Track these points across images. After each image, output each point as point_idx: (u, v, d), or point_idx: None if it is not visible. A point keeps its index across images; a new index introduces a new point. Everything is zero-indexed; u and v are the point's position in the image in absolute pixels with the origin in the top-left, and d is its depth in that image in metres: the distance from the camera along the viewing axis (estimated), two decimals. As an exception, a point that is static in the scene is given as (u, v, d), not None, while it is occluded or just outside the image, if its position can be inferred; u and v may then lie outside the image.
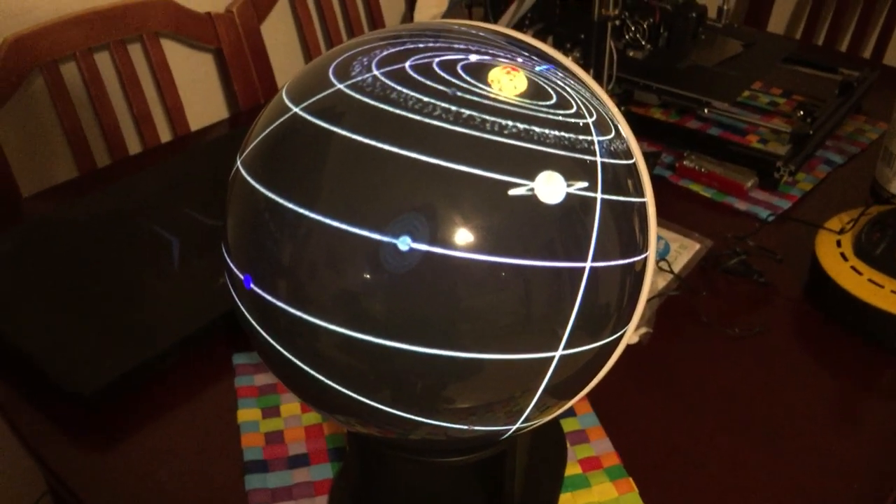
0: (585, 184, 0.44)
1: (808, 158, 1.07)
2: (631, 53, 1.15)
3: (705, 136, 1.12)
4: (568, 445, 0.70)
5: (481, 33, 0.49)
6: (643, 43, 1.14)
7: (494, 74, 0.45)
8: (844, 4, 1.69)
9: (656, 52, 1.16)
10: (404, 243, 0.40)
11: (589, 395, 0.74)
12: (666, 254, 0.91)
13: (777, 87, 1.24)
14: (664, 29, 1.15)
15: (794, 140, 1.06)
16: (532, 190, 0.42)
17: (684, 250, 0.91)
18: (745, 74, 1.13)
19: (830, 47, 1.72)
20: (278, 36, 1.40)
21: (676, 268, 0.88)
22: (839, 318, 0.82)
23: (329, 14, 1.41)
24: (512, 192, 0.41)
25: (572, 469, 0.68)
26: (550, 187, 0.42)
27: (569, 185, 0.43)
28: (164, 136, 1.27)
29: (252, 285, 0.45)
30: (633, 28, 1.12)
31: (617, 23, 1.07)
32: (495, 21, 1.13)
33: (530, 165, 0.42)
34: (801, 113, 1.09)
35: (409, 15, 1.57)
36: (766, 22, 1.83)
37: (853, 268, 0.81)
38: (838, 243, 0.84)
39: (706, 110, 1.13)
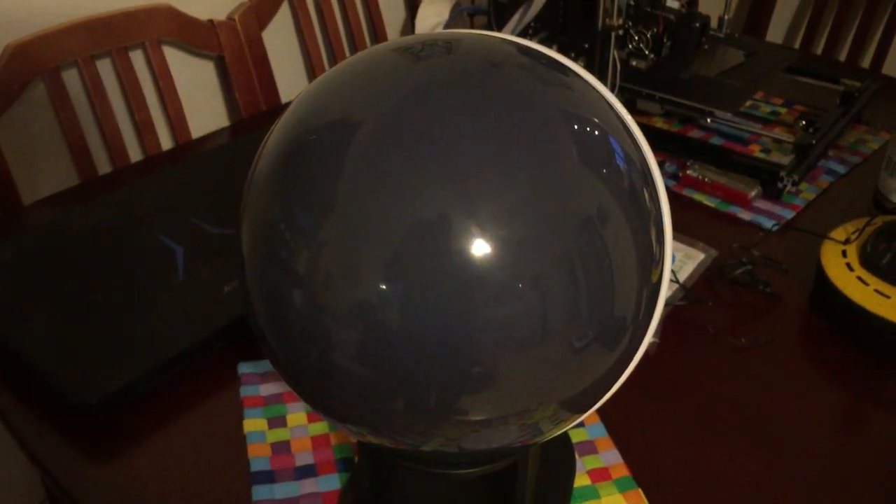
0: None
1: (811, 168, 1.07)
2: (634, 63, 1.15)
3: (708, 145, 1.12)
4: (576, 456, 0.69)
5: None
6: (646, 52, 1.14)
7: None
8: (844, 14, 1.70)
9: (659, 61, 1.16)
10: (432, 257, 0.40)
11: (596, 405, 0.74)
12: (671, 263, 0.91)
13: (778, 97, 1.24)
14: (667, 38, 1.15)
15: (797, 150, 1.06)
16: None
17: (689, 260, 0.91)
18: (747, 84, 1.13)
19: (829, 56, 1.72)
20: (280, 43, 1.40)
21: (681, 277, 0.88)
22: (845, 329, 0.82)
23: (330, 22, 1.41)
24: None
25: (581, 480, 0.68)
26: None
27: None
28: (166, 143, 1.26)
29: (267, 298, 0.45)
30: (636, 37, 1.12)
31: (620, 32, 1.07)
32: (499, 30, 1.13)
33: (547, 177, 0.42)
34: (803, 123, 1.09)
35: (410, 23, 1.57)
36: (766, 31, 1.84)
37: (859, 278, 0.81)
38: (844, 253, 0.84)
39: (709, 120, 1.13)
